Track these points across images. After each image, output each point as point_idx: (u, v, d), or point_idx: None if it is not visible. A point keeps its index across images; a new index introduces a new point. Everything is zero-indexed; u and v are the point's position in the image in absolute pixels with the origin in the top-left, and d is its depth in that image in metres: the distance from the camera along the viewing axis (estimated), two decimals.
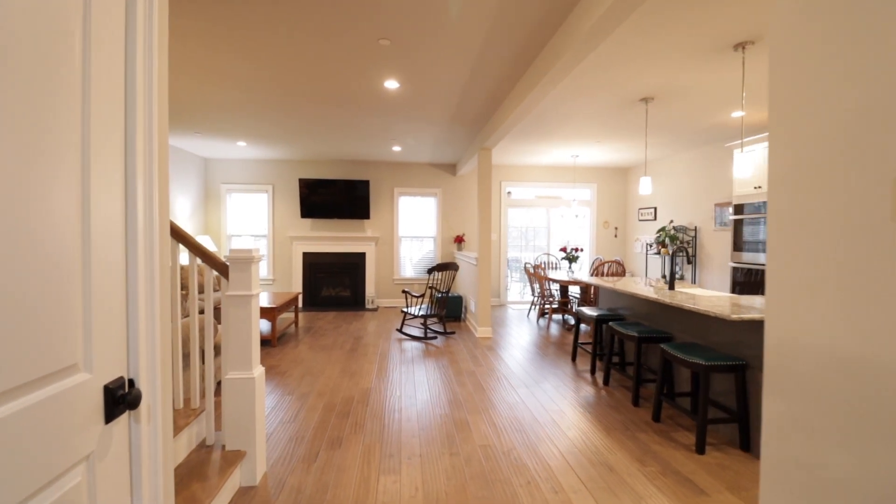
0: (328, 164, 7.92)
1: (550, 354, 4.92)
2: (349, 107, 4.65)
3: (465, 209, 8.26)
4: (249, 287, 2.26)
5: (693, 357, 2.80)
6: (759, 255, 4.66)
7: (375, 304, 7.99)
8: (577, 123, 5.13)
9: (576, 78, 3.72)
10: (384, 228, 8.08)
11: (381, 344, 5.32)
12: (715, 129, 5.34)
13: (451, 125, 5.38)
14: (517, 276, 9.04)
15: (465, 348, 5.14)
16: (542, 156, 7.23)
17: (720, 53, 3.18)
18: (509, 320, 6.88)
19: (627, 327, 3.66)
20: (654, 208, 7.65)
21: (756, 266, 4.69)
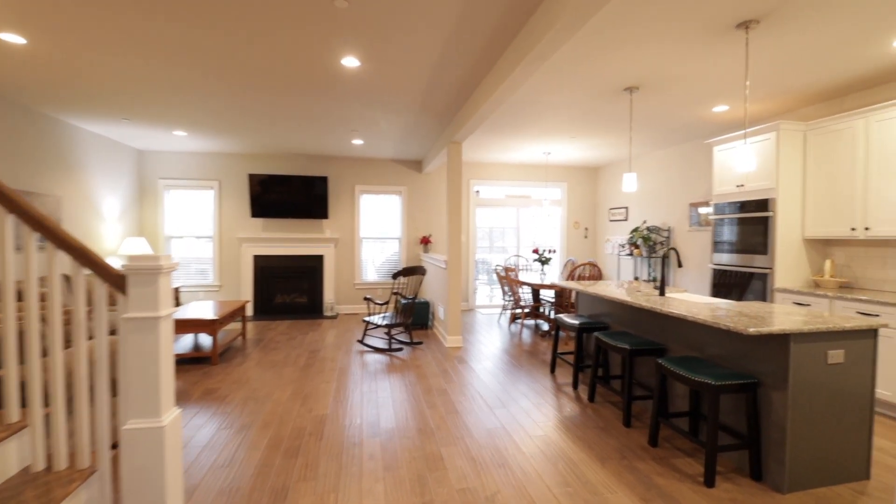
0: (282, 159, 7.24)
1: (527, 365, 4.53)
2: (302, 89, 4.07)
3: (431, 209, 7.79)
4: (156, 306, 1.70)
5: (699, 375, 2.45)
6: (740, 256, 4.45)
7: (335, 310, 7.38)
8: (555, 116, 4.77)
9: (557, 63, 3.33)
10: (344, 229, 7.48)
11: (340, 358, 4.75)
12: (693, 125, 5.12)
13: (418, 115, 4.90)
14: (485, 279, 8.65)
15: (435, 361, 4.67)
16: (513, 152, 6.87)
17: (721, 34, 2.86)
18: (479, 326, 6.46)
19: (615, 338, 3.30)
20: (625, 208, 7.46)
21: (737, 268, 4.49)
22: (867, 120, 3.65)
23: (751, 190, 4.39)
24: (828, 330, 2.29)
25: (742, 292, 4.46)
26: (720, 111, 4.58)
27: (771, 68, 3.42)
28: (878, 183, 3.59)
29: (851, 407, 2.39)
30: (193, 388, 3.77)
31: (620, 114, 4.67)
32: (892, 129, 3.48)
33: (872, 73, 3.51)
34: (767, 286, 4.20)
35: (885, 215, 3.53)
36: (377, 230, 7.66)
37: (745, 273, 4.43)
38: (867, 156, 3.67)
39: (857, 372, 2.38)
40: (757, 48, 3.07)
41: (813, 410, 2.33)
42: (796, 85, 3.80)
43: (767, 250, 4.20)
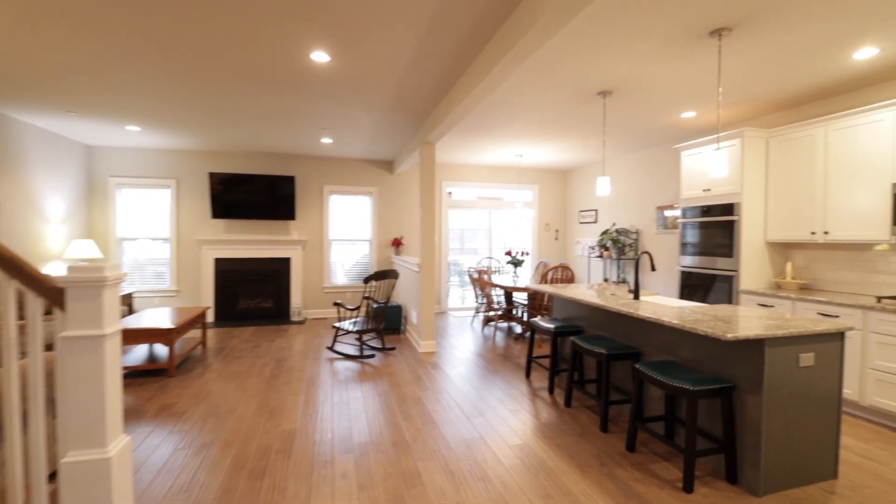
0: (246, 157, 6.93)
1: (501, 369, 4.47)
2: (267, 84, 3.87)
3: (403, 210, 7.65)
4: (101, 323, 1.52)
5: (677, 381, 2.45)
6: (707, 258, 4.55)
7: (303, 315, 7.12)
8: (528, 118, 4.74)
9: (533, 65, 3.28)
10: (312, 230, 7.23)
11: (308, 367, 4.55)
12: (662, 130, 5.22)
13: (390, 114, 4.76)
14: (457, 281, 8.59)
15: (408, 367, 4.55)
16: (485, 154, 6.82)
17: (694, 41, 2.88)
18: (452, 329, 6.38)
19: (591, 342, 3.28)
20: (595, 210, 7.56)
21: (704, 270, 4.59)
22: (826, 128, 3.79)
23: (717, 194, 4.49)
24: (799, 334, 2.33)
25: (709, 294, 4.57)
26: (688, 117, 4.68)
27: (738, 77, 3.50)
28: (835, 189, 3.73)
29: (821, 408, 2.44)
30: (147, 405, 3.50)
31: (593, 117, 4.69)
32: (848, 137, 3.63)
33: (831, 84, 3.65)
34: (733, 288, 4.30)
35: (843, 220, 3.68)
36: (347, 232, 7.45)
37: (711, 275, 4.54)
38: (826, 163, 3.81)
39: (825, 374, 2.44)
40: (726, 57, 3.12)
41: (786, 413, 2.36)
42: (760, 93, 3.90)
43: (733, 253, 4.30)
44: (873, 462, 2.66)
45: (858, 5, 2.44)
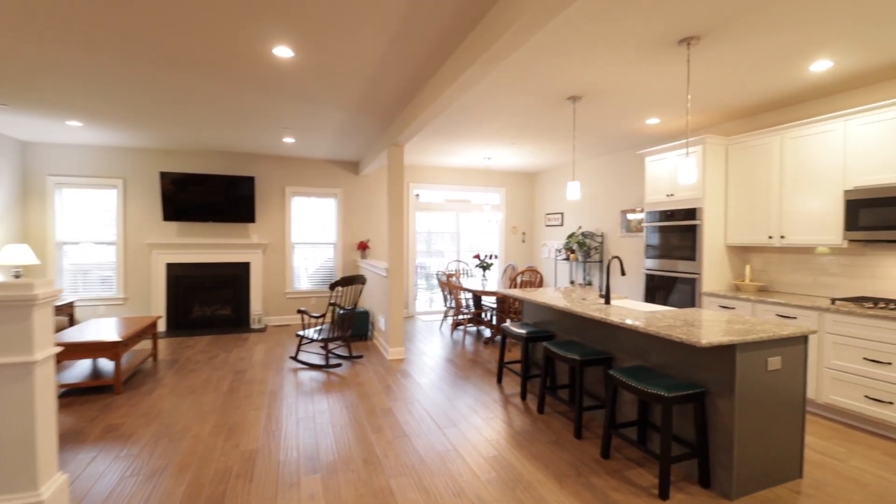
0: (201, 156, 6.55)
1: (472, 376, 4.41)
2: (226, 79, 3.64)
3: (369, 212, 7.46)
4: (30, 348, 1.32)
5: (652, 387, 2.45)
6: (671, 261, 4.66)
7: (263, 322, 6.81)
8: (497, 121, 4.71)
9: (507, 67, 3.23)
10: (274, 234, 6.93)
11: (270, 378, 4.32)
12: (627, 135, 5.31)
13: (357, 114, 4.60)
14: (424, 284, 8.48)
15: (377, 376, 4.40)
16: (453, 156, 6.76)
17: (663, 49, 2.91)
18: (421, 334, 6.26)
19: (564, 348, 3.26)
20: (561, 214, 7.65)
21: (668, 273, 4.70)
22: (782, 137, 3.96)
23: (680, 199, 4.61)
24: (768, 339, 2.38)
25: (673, 296, 4.68)
26: (652, 123, 4.78)
27: (702, 85, 3.58)
28: (791, 195, 3.89)
29: (787, 410, 2.50)
30: (91, 426, 3.20)
31: (562, 122, 4.71)
32: (803, 146, 3.79)
33: (789, 94, 3.80)
34: (696, 290, 4.42)
35: (798, 225, 3.84)
36: (311, 235, 7.19)
37: (675, 278, 4.65)
38: (782, 170, 3.97)
39: (791, 376, 2.50)
40: (692, 66, 3.18)
41: (756, 416, 2.40)
42: (722, 101, 4.03)
43: (695, 256, 4.42)
44: (834, 460, 2.76)
45: (815, 20, 2.53)
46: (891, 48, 2.90)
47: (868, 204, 3.31)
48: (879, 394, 3.06)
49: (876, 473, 2.59)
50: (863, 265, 3.64)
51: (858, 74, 3.34)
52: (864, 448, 2.91)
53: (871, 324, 3.10)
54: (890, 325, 3.00)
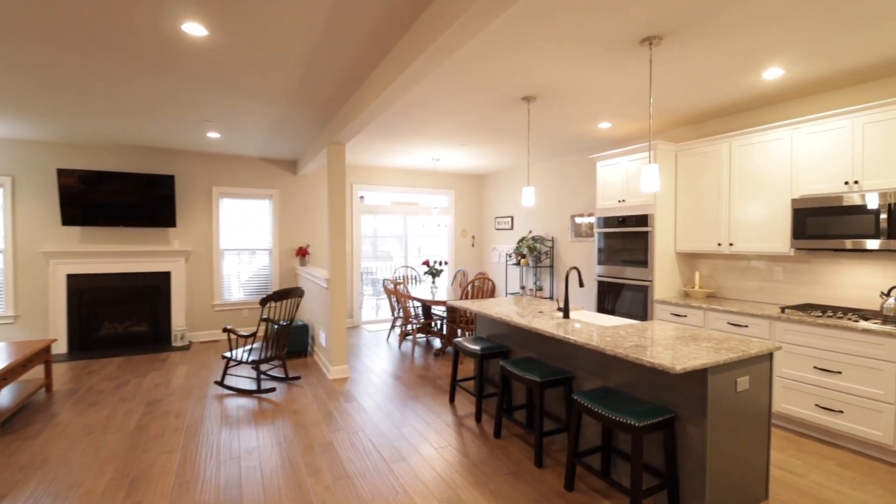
0: (110, 151, 5.72)
1: (422, 394, 4.07)
2: (130, 60, 3.06)
3: (309, 215, 6.91)
4: None
5: (621, 414, 2.24)
6: (623, 268, 4.59)
7: (187, 339, 6.08)
8: (448, 120, 4.40)
9: (458, 62, 2.93)
10: (199, 239, 6.21)
11: (190, 409, 3.75)
12: (578, 139, 5.21)
13: (291, 108, 4.12)
14: (370, 290, 8.03)
15: (316, 400, 3.95)
16: (400, 157, 6.38)
17: (624, 49, 2.73)
18: (366, 346, 5.84)
19: (523, 368, 3.01)
20: (510, 217, 7.50)
21: (620, 280, 4.62)
22: (730, 144, 3.96)
23: (631, 205, 4.54)
24: (738, 359, 2.24)
25: (625, 303, 4.60)
26: (604, 128, 4.68)
27: (655, 90, 3.48)
28: (740, 203, 3.90)
29: (754, 431, 2.38)
30: None
31: (514, 123, 4.49)
32: (751, 154, 3.80)
33: (740, 100, 3.79)
34: (648, 297, 4.36)
35: (747, 233, 3.85)
36: (243, 240, 6.53)
37: (627, 285, 4.58)
38: (730, 178, 3.97)
39: (758, 396, 2.39)
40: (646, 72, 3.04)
41: (726, 440, 2.26)
42: (673, 107, 3.97)
43: (647, 263, 4.36)
44: (793, 475, 2.70)
45: (769, 27, 2.44)
46: (839, 59, 2.90)
47: (814, 213, 3.34)
48: (830, 402, 3.08)
49: (835, 489, 2.54)
50: (807, 272, 3.70)
51: (809, 83, 3.36)
52: (819, 459, 2.89)
53: (821, 332, 3.11)
54: (839, 334, 3.02)
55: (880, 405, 2.83)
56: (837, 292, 3.51)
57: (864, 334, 2.90)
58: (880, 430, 2.83)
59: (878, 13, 2.33)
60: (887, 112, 2.99)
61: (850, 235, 3.14)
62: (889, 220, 2.94)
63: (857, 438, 2.97)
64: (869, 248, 3.04)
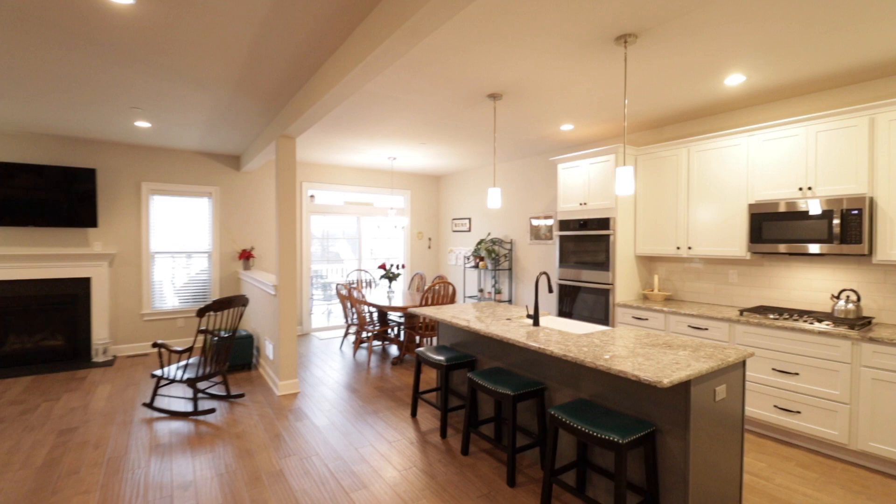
0: (18, 140, 4.97)
1: (382, 408, 3.80)
2: (40, 32, 2.57)
3: (254, 215, 6.40)
4: None
5: (602, 430, 2.10)
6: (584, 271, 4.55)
7: (110, 353, 5.41)
8: (407, 117, 4.16)
9: (423, 52, 2.70)
10: (125, 241, 5.55)
11: (112, 438, 3.25)
12: (540, 141, 5.14)
13: (236, 96, 3.72)
14: (321, 295, 7.61)
15: (263, 421, 3.57)
16: (354, 154, 6.05)
17: (599, 46, 2.63)
18: (318, 357, 5.46)
19: (493, 380, 2.83)
20: (468, 219, 7.36)
21: (581, 283, 4.58)
22: (689, 149, 4.01)
23: (593, 209, 4.51)
24: (719, 368, 2.18)
25: (587, 306, 4.57)
26: (566, 130, 4.63)
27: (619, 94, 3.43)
28: (698, 207, 3.95)
29: (729, 439, 2.34)
30: None
31: (478, 121, 4.32)
32: (708, 159, 3.86)
33: (700, 106, 3.84)
34: (609, 301, 4.34)
35: (705, 237, 3.90)
36: (178, 242, 5.92)
37: (589, 288, 4.54)
38: (689, 182, 4.02)
39: (733, 404, 2.35)
40: (611, 75, 2.97)
41: (706, 451, 2.19)
42: (635, 111, 3.96)
43: (609, 266, 4.34)
44: (760, 479, 2.70)
45: (737, 29, 2.42)
46: (798, 67, 2.96)
47: (770, 218, 3.42)
48: (788, 403, 3.14)
49: (801, 492, 2.56)
50: (761, 275, 3.80)
51: (768, 91, 3.43)
52: (780, 460, 2.93)
53: (779, 335, 3.17)
54: (796, 336, 3.09)
55: (836, 405, 2.91)
56: (790, 295, 3.63)
57: (821, 336, 2.97)
58: (836, 430, 2.91)
59: (834, 25, 2.37)
60: (839, 121, 3.10)
61: (803, 240, 3.23)
62: (841, 225, 3.04)
63: (814, 438, 3.05)
64: (821, 252, 3.14)
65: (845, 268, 3.32)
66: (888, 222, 2.91)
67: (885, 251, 2.92)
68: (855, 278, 3.27)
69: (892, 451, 2.69)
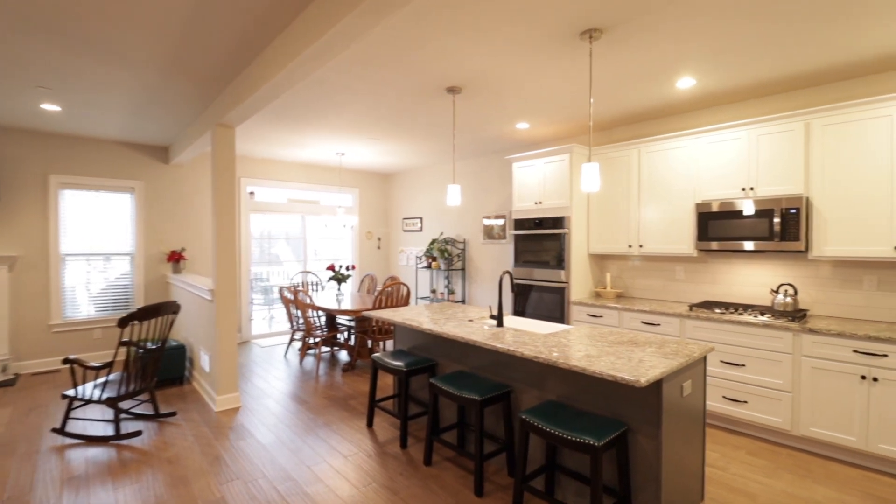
0: None
1: (334, 419, 3.55)
2: None
3: (185, 214, 5.83)
4: None
5: (576, 432, 2.03)
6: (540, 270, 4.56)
7: (11, 371, 4.67)
8: (359, 109, 3.93)
9: (379, 42, 2.52)
10: (30, 242, 4.84)
11: (13, 472, 2.75)
12: (495, 139, 5.08)
13: (166, 77, 3.31)
14: (262, 300, 7.12)
15: (199, 441, 3.19)
16: (299, 149, 5.69)
17: (564, 41, 2.58)
18: (260, 365, 5.06)
19: (457, 385, 2.70)
20: (420, 218, 7.20)
21: (537, 282, 4.58)
22: (640, 150, 4.11)
23: (548, 207, 4.52)
24: (687, 364, 2.19)
25: (542, 305, 4.57)
26: (522, 128, 4.61)
27: (574, 95, 3.43)
28: (648, 206, 4.06)
29: (694, 434, 2.36)
30: None
31: (432, 116, 4.17)
32: (658, 160, 3.98)
33: (653, 108, 3.93)
34: (565, 299, 4.37)
35: (654, 235, 4.02)
36: (94, 243, 5.26)
37: (544, 287, 4.55)
38: (639, 182, 4.13)
39: (697, 398, 2.38)
40: (574, 73, 2.96)
41: (675, 448, 2.19)
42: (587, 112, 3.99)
43: (564, 265, 4.37)
44: (716, 469, 2.77)
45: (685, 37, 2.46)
46: (744, 73, 3.09)
47: (715, 216, 3.57)
48: (735, 394, 3.27)
49: (756, 479, 2.65)
50: (705, 271, 3.97)
51: (717, 94, 3.56)
52: (731, 449, 3.03)
53: (726, 328, 3.31)
54: (742, 329, 3.23)
55: (779, 394, 3.07)
56: (731, 290, 3.81)
57: (765, 329, 3.12)
58: (780, 417, 3.07)
59: (776, 35, 2.47)
60: (778, 125, 3.28)
61: (746, 237, 3.39)
62: (781, 224, 3.22)
63: (760, 426, 3.19)
64: (763, 249, 3.31)
65: (783, 263, 3.53)
66: (822, 221, 3.11)
67: (819, 248, 3.12)
68: (792, 273, 3.49)
69: (830, 435, 2.86)
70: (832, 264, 3.31)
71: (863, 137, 2.93)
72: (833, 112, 3.04)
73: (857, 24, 2.41)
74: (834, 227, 3.06)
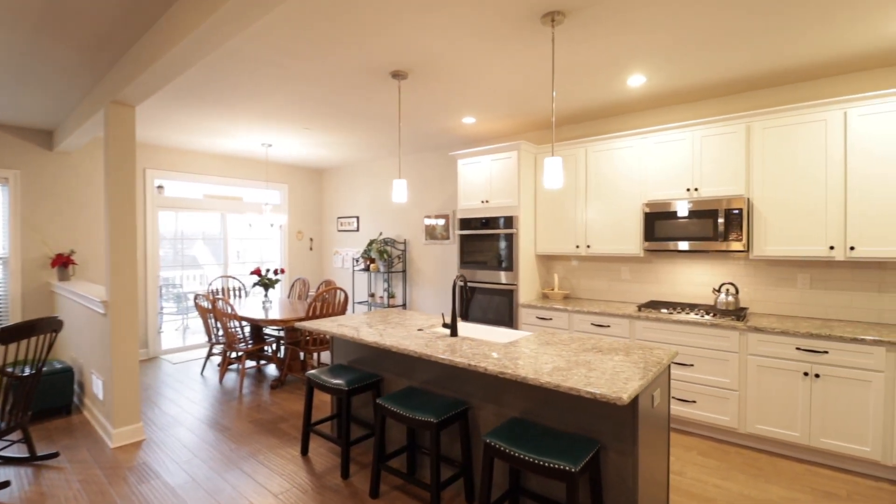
0: None
1: (262, 448, 3.08)
2: None
3: (74, 210, 4.93)
4: None
5: (551, 456, 1.81)
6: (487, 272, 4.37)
7: None
8: (290, 92, 3.47)
9: (312, 10, 2.14)
10: None
11: None
12: (439, 134, 4.82)
13: (37, 37, 2.65)
14: (174, 308, 6.30)
15: (88, 490, 2.58)
16: (219, 138, 5.03)
17: (522, 24, 2.36)
18: (171, 386, 4.38)
19: (408, 405, 2.39)
20: (356, 218, 6.75)
21: (484, 284, 4.39)
22: (586, 149, 4.05)
23: (495, 206, 4.34)
24: (660, 373, 2.05)
25: (490, 308, 4.38)
26: (468, 123, 4.38)
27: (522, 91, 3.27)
28: (595, 206, 4.01)
29: (660, 443, 2.25)
30: None
31: (373, 104, 3.81)
32: (605, 160, 3.93)
33: (602, 105, 3.86)
34: (513, 301, 4.21)
35: (603, 235, 3.97)
36: None
37: (491, 289, 4.36)
38: (587, 182, 4.07)
39: (663, 407, 2.27)
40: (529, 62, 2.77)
41: (648, 463, 2.04)
42: (539, 107, 3.87)
43: (512, 266, 4.21)
44: (673, 475, 2.71)
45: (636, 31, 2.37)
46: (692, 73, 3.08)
47: (661, 217, 3.57)
48: (684, 394, 3.27)
49: (714, 483, 2.61)
50: (650, 272, 3.99)
51: (665, 94, 3.55)
52: (683, 451, 3.01)
53: (675, 328, 3.30)
54: (690, 328, 3.23)
55: (727, 392, 3.10)
56: (675, 289, 3.85)
57: (712, 328, 3.14)
58: (728, 416, 3.10)
59: (721, 36, 2.45)
60: (720, 127, 3.33)
61: (691, 238, 3.41)
62: (725, 224, 3.26)
63: (708, 425, 3.21)
64: (707, 249, 3.34)
65: (723, 262, 3.61)
66: (762, 221, 3.19)
67: (760, 248, 3.20)
68: (733, 272, 3.57)
69: (775, 432, 2.92)
70: (768, 263, 3.42)
71: (800, 141, 3.03)
72: (772, 115, 3.12)
73: (802, 31, 2.44)
74: (774, 228, 3.15)
